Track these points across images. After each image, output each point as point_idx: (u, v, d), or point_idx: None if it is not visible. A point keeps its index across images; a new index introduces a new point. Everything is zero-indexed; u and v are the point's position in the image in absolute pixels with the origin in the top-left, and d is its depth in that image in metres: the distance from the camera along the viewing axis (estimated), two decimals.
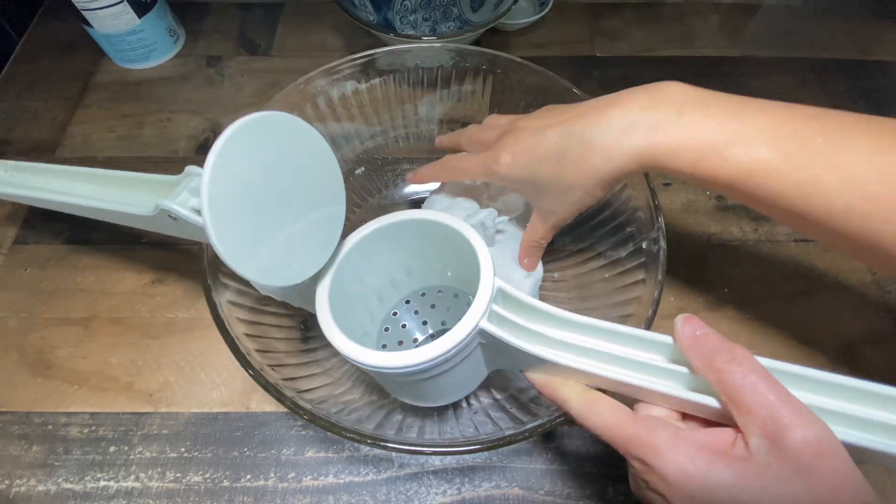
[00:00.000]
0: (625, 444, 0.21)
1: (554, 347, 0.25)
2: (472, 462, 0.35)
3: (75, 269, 0.42)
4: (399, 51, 0.39)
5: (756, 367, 0.20)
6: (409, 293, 0.36)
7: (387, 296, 0.35)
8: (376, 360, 0.25)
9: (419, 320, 0.35)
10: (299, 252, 0.27)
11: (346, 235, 0.30)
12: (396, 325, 0.35)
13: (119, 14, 0.48)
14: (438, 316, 0.35)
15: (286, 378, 0.30)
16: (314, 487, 0.34)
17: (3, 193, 0.38)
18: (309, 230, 0.27)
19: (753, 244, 0.44)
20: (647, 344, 0.24)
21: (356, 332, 0.31)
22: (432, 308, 0.35)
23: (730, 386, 0.20)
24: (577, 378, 0.24)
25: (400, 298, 0.36)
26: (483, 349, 0.27)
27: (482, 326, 0.25)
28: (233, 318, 0.30)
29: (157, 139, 0.49)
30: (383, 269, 0.33)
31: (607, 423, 0.22)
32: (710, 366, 0.20)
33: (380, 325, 0.35)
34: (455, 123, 0.44)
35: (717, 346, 0.21)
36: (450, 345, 0.24)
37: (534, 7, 0.59)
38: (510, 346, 0.25)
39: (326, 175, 0.28)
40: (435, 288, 0.36)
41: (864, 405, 0.21)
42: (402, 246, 0.31)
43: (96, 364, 0.38)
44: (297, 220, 0.26)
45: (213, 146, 0.22)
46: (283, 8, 0.59)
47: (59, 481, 0.34)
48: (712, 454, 0.19)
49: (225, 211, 0.22)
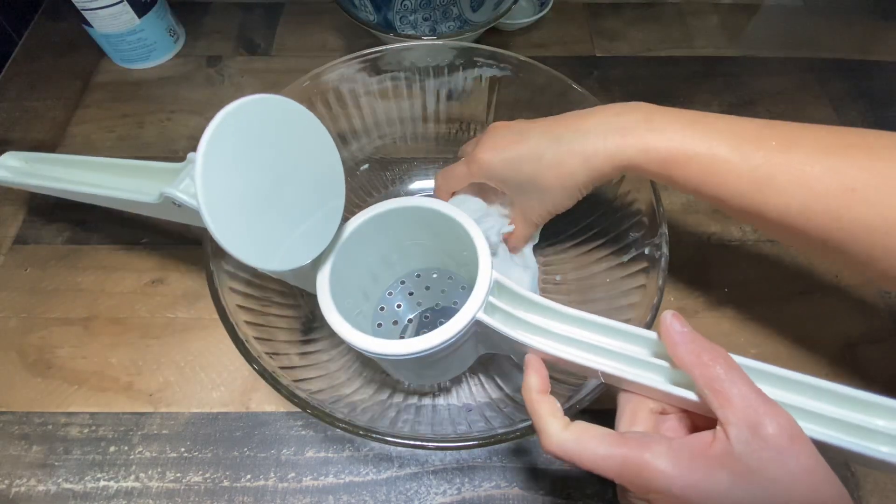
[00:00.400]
0: (620, 472, 0.21)
1: (546, 338, 0.26)
2: (472, 462, 0.35)
3: (75, 269, 0.42)
4: (401, 49, 0.39)
5: (734, 364, 0.22)
6: (404, 274, 0.37)
7: (382, 276, 0.36)
8: (377, 346, 0.26)
9: (413, 301, 0.37)
10: (297, 236, 0.27)
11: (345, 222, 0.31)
12: (391, 304, 0.37)
13: (119, 14, 0.48)
14: (432, 297, 0.37)
15: (284, 367, 0.30)
16: (314, 487, 0.34)
17: (11, 182, 0.38)
18: (307, 215, 0.27)
19: (753, 244, 0.44)
20: (632, 338, 0.25)
21: (351, 312, 0.32)
22: (427, 290, 0.37)
23: (714, 380, 0.21)
24: (566, 367, 0.26)
25: (395, 279, 0.37)
26: (477, 335, 0.28)
27: (479, 318, 0.26)
28: (234, 307, 0.30)
29: (156, 139, 0.49)
30: (379, 250, 0.34)
31: (598, 456, 0.22)
32: (697, 360, 0.22)
33: (375, 304, 0.36)
34: (456, 122, 0.44)
35: (702, 343, 0.22)
36: (448, 335, 0.26)
37: (534, 7, 0.59)
38: (507, 337, 0.26)
39: (324, 160, 0.28)
40: (430, 270, 0.37)
41: (825, 403, 0.22)
42: (401, 230, 0.33)
43: (96, 364, 0.38)
44: (294, 204, 0.26)
45: (207, 129, 0.21)
46: (283, 8, 0.59)
47: (59, 481, 0.34)
48: (706, 460, 0.20)
49: (219, 194, 0.22)
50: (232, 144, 0.22)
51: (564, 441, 0.22)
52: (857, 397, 0.22)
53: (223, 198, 0.22)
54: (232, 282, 0.31)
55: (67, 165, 0.37)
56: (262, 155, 0.24)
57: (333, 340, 0.36)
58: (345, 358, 0.36)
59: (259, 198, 0.24)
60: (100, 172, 0.35)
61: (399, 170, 0.45)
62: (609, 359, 0.25)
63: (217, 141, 0.22)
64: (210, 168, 0.22)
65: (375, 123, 0.43)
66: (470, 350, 0.30)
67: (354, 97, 0.40)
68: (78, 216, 0.44)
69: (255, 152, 0.23)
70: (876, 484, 0.34)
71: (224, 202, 0.22)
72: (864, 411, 0.22)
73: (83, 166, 0.36)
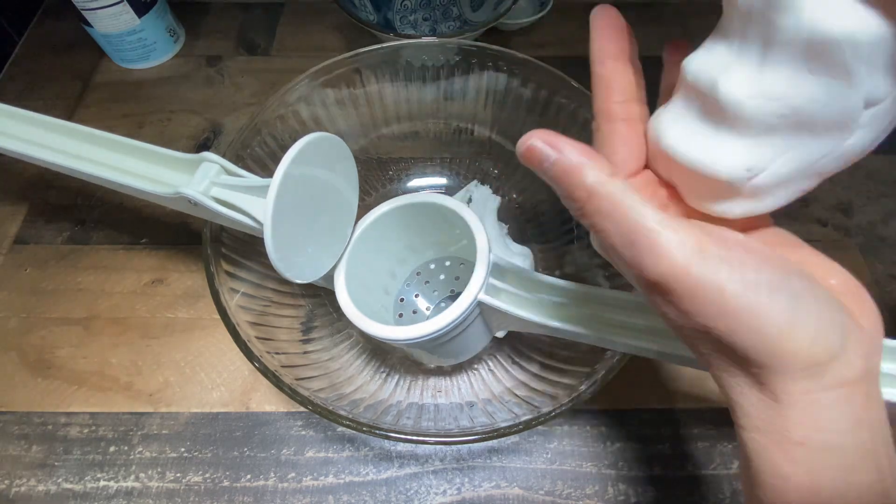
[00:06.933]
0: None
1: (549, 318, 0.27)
2: (472, 462, 0.35)
3: (75, 269, 0.42)
4: (401, 47, 0.39)
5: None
6: (419, 266, 0.39)
7: (398, 271, 0.38)
8: (389, 333, 0.28)
9: (430, 289, 0.38)
10: (323, 248, 0.30)
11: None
12: (410, 295, 0.38)
13: (119, 14, 0.48)
14: (447, 284, 0.38)
15: (285, 366, 0.30)
16: (314, 487, 0.34)
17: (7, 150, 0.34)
18: (331, 228, 0.30)
19: None
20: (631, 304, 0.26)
21: (374, 307, 0.34)
22: (441, 278, 0.38)
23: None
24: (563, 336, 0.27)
25: (411, 271, 0.39)
26: (486, 315, 0.30)
27: (480, 299, 0.28)
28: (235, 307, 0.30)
29: (156, 139, 0.49)
30: (391, 248, 0.36)
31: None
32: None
33: (395, 297, 0.38)
34: (455, 121, 0.44)
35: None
36: (452, 317, 0.27)
37: (534, 7, 0.59)
38: (509, 314, 0.28)
39: (348, 180, 0.31)
40: (442, 259, 0.39)
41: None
42: (406, 226, 0.34)
43: (96, 364, 0.38)
44: (324, 222, 0.29)
45: (279, 166, 0.25)
46: (283, 8, 0.58)
47: (59, 481, 0.34)
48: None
49: (280, 223, 0.25)
50: (292, 178, 0.25)
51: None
52: None
53: (282, 226, 0.25)
54: (233, 282, 0.31)
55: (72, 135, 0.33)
56: (307, 184, 0.27)
57: (334, 339, 0.36)
58: (345, 357, 0.36)
59: (301, 221, 0.27)
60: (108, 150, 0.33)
61: (398, 168, 0.45)
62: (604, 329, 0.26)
63: (286, 179, 0.25)
64: (280, 196, 0.25)
65: (374, 122, 0.43)
66: (479, 330, 0.32)
67: (353, 96, 0.40)
68: (78, 216, 0.44)
69: (303, 182, 0.26)
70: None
71: (281, 230, 0.25)
72: None
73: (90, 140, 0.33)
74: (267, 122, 0.36)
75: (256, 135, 0.35)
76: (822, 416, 0.15)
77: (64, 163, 0.31)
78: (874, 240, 0.43)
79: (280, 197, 0.25)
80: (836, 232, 0.44)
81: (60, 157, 0.32)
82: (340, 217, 0.31)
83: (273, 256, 0.25)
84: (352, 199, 0.32)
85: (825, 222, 0.44)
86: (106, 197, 0.45)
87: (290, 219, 0.26)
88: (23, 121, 0.34)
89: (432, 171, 0.45)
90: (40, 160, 0.32)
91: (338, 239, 0.31)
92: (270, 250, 0.25)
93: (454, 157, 0.45)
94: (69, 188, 0.45)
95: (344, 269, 0.31)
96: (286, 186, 0.25)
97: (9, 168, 0.47)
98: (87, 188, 0.45)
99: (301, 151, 0.26)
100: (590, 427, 0.36)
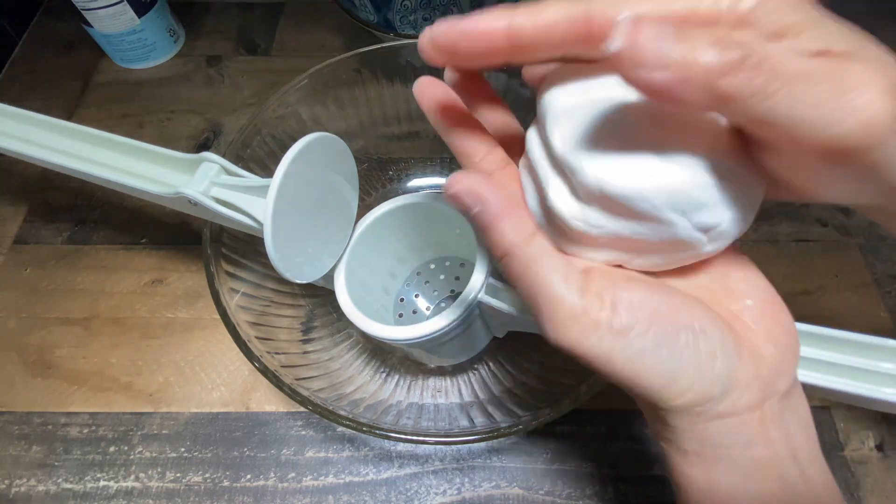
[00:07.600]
0: None
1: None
2: (472, 462, 0.35)
3: (75, 269, 0.42)
4: (401, 47, 0.39)
5: None
6: (419, 265, 0.39)
7: (398, 271, 0.38)
8: (389, 333, 0.29)
9: (430, 289, 0.38)
10: (323, 248, 0.30)
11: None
12: (409, 295, 0.38)
13: (119, 14, 0.48)
14: (447, 284, 0.38)
15: (285, 366, 0.30)
16: (314, 487, 0.34)
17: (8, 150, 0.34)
18: (331, 228, 0.30)
19: (753, 244, 0.44)
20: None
21: (374, 307, 0.35)
22: (441, 278, 0.38)
23: None
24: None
25: (411, 271, 0.39)
26: (485, 315, 0.30)
27: (480, 299, 0.28)
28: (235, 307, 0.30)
29: (156, 139, 0.48)
30: (391, 248, 0.36)
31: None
32: None
33: (395, 297, 0.38)
34: None
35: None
36: (452, 317, 0.28)
37: None
38: (509, 314, 0.28)
39: (349, 180, 0.31)
40: (442, 259, 0.39)
41: (829, 350, 0.23)
42: (406, 226, 0.34)
43: (96, 364, 0.38)
44: (324, 222, 0.29)
45: (279, 166, 0.24)
46: (283, 8, 0.58)
47: (58, 481, 0.34)
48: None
49: (280, 223, 0.25)
50: (292, 179, 0.25)
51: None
52: (861, 342, 0.22)
53: (282, 226, 0.25)
54: (233, 282, 0.31)
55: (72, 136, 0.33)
56: (307, 185, 0.27)
57: (334, 339, 0.36)
58: (345, 357, 0.36)
59: (301, 222, 0.27)
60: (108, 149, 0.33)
61: (397, 168, 0.45)
62: None
63: (286, 178, 0.25)
64: (280, 197, 0.25)
65: (374, 122, 0.43)
66: (480, 330, 0.32)
67: (353, 96, 0.40)
68: (78, 216, 0.44)
69: (303, 183, 0.27)
70: (876, 483, 0.34)
71: (281, 230, 0.25)
72: (869, 356, 0.22)
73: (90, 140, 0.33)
74: (267, 122, 0.36)
75: (256, 135, 0.35)
76: (709, 439, 0.17)
77: (64, 163, 0.31)
78: (874, 240, 0.43)
79: (280, 197, 0.25)
80: (836, 232, 0.44)
81: (60, 157, 0.32)
82: (340, 217, 0.32)
83: (273, 256, 0.25)
84: (352, 199, 0.32)
85: (825, 222, 0.44)
86: (106, 197, 0.45)
87: (290, 219, 0.26)
88: (23, 121, 0.34)
89: (432, 171, 0.45)
90: (40, 160, 0.32)
91: (338, 239, 0.31)
92: (270, 250, 0.25)
93: (454, 158, 0.45)
94: (69, 188, 0.45)
95: (344, 269, 0.31)
96: (286, 186, 0.25)
97: (9, 168, 0.47)
98: (87, 188, 0.45)
99: (301, 151, 0.26)
100: (590, 427, 0.36)
